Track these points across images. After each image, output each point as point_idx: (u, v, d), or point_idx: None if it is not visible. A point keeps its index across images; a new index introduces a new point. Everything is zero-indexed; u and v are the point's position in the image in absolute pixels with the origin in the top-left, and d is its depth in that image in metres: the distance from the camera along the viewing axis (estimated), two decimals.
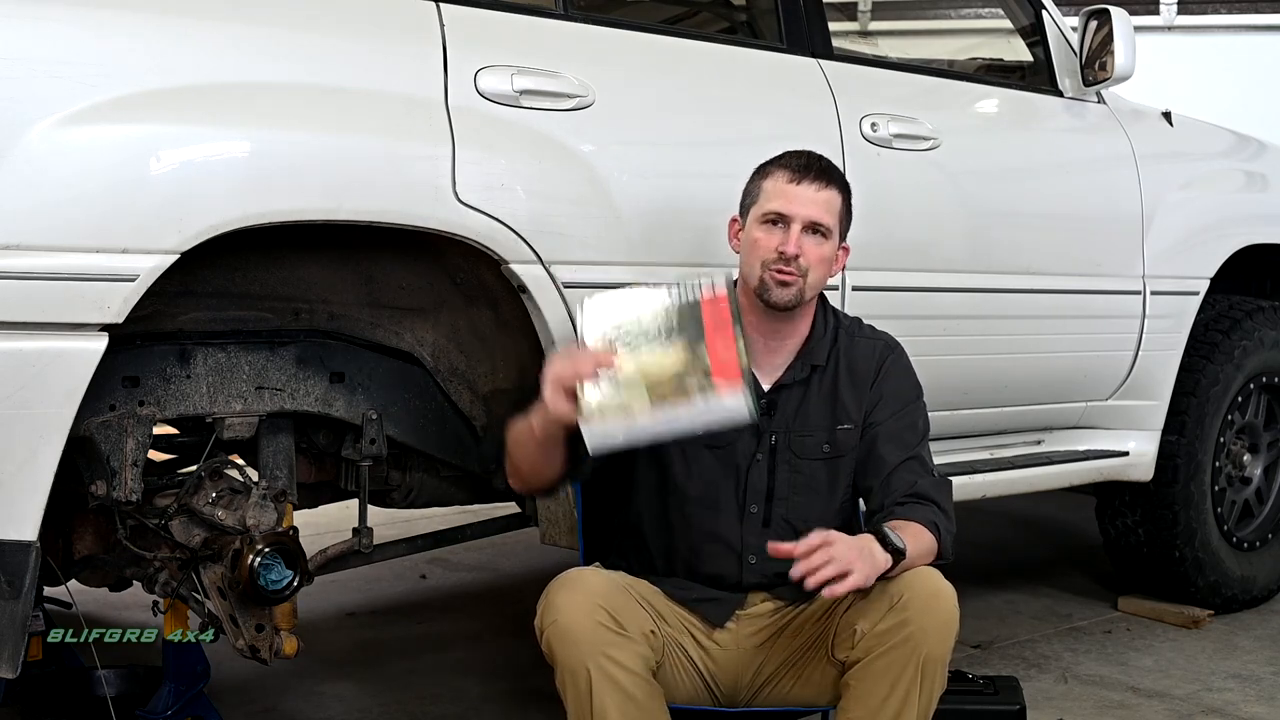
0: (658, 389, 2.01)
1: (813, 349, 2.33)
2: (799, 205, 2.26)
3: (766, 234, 2.27)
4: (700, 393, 2.01)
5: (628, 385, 2.01)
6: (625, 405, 1.99)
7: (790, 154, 2.33)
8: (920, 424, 2.36)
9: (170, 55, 2.08)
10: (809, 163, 2.30)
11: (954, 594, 2.12)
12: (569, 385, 2.00)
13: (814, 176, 2.28)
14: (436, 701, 3.17)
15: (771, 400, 2.31)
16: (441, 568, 4.44)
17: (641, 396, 2.00)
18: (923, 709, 2.09)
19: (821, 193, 2.27)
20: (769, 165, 2.33)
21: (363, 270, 2.48)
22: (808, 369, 2.32)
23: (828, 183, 2.29)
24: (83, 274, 1.95)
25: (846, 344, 2.36)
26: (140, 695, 2.69)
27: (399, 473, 2.69)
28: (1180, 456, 3.73)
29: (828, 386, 2.33)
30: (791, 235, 2.24)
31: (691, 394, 2.01)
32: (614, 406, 2.00)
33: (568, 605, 2.08)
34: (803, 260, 2.24)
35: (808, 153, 2.33)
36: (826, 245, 2.28)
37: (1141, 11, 7.20)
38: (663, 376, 2.02)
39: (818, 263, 2.26)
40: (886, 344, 2.40)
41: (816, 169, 2.29)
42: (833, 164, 2.35)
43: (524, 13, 2.55)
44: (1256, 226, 3.91)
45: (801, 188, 2.26)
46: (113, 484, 2.18)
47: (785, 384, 2.32)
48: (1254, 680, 3.38)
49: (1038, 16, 3.52)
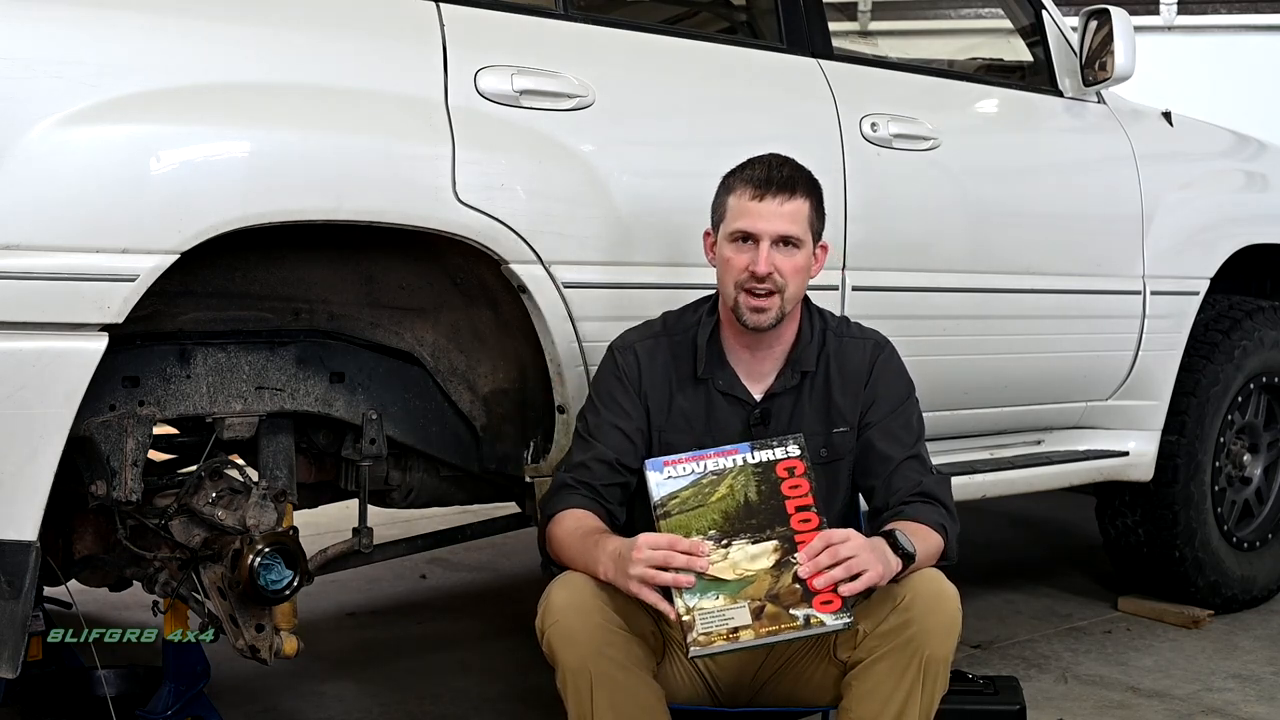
0: (755, 595, 1.97)
1: (801, 355, 2.32)
2: (765, 222, 2.22)
3: (736, 253, 2.24)
4: (803, 615, 1.95)
5: (723, 590, 1.97)
6: (724, 616, 1.94)
7: (751, 164, 2.29)
8: (915, 422, 2.35)
9: (170, 55, 2.08)
10: (770, 175, 2.25)
11: (957, 595, 2.12)
12: (662, 583, 1.97)
13: (776, 189, 2.23)
14: (436, 701, 3.17)
15: (765, 410, 2.30)
16: (441, 568, 4.44)
17: (742, 611, 1.95)
18: (924, 710, 2.09)
19: (787, 205, 2.23)
20: (732, 178, 2.30)
21: (363, 270, 2.48)
22: (798, 375, 2.31)
23: (792, 193, 2.24)
24: (83, 274, 1.95)
25: (835, 346, 2.35)
26: (140, 695, 2.69)
27: (399, 473, 2.69)
28: (1180, 456, 3.73)
29: (820, 391, 2.32)
30: (761, 254, 2.21)
31: (794, 613, 1.95)
32: (713, 616, 1.94)
33: (568, 606, 2.08)
34: (776, 277, 2.22)
35: (769, 161, 2.28)
36: (799, 255, 2.25)
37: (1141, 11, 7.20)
38: (759, 578, 1.98)
39: (792, 274, 2.24)
40: (876, 343, 2.38)
41: (779, 180, 2.24)
42: (797, 168, 2.29)
43: (524, 13, 2.55)
44: (1256, 226, 3.91)
45: (765, 204, 2.23)
46: (113, 484, 2.17)
47: (776, 392, 2.31)
48: (1254, 680, 3.38)
49: (1038, 16, 3.52)
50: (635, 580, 1.98)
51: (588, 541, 2.12)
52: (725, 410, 2.30)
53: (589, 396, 2.36)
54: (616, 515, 2.26)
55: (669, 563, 1.98)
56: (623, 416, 2.28)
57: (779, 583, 1.98)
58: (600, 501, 2.23)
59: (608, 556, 2.05)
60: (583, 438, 2.30)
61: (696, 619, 1.94)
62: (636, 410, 2.29)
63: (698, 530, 2.03)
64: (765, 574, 1.99)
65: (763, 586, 1.98)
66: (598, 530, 2.15)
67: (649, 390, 2.30)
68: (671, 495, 2.05)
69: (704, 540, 2.01)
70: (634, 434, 2.28)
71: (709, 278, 2.47)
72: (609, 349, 2.36)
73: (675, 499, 2.05)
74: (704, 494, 2.05)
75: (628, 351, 2.33)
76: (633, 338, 2.35)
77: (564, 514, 2.21)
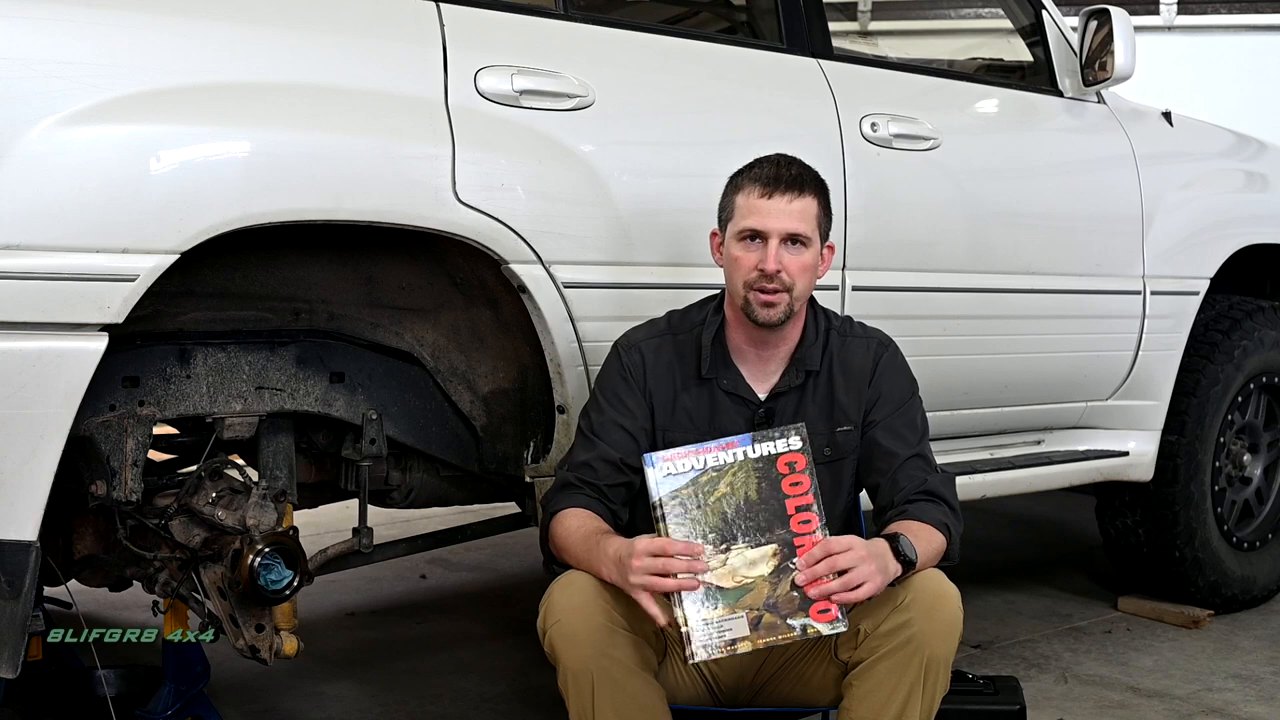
0: (753, 604, 1.99)
1: (805, 354, 2.32)
2: (773, 220, 2.23)
3: (745, 251, 2.25)
4: (799, 624, 1.99)
5: (722, 599, 1.99)
6: (723, 628, 1.98)
7: (759, 164, 2.29)
8: (919, 420, 2.35)
9: (170, 55, 2.08)
10: (778, 173, 2.26)
11: (958, 596, 2.12)
12: (665, 589, 1.99)
13: (785, 187, 2.24)
14: (436, 701, 3.17)
15: (769, 409, 2.30)
16: (441, 568, 4.44)
17: (740, 621, 1.99)
18: (925, 710, 2.09)
19: (795, 203, 2.24)
20: (740, 177, 2.30)
21: (363, 270, 2.48)
22: (802, 375, 2.31)
23: (800, 191, 2.25)
24: (83, 274, 1.95)
25: (839, 345, 2.35)
26: (140, 695, 2.69)
27: (399, 473, 2.69)
28: (1180, 456, 3.73)
29: (824, 390, 2.32)
30: (770, 252, 2.22)
31: (791, 623, 1.99)
32: (712, 628, 1.98)
33: (570, 606, 2.08)
34: (784, 275, 2.22)
35: (777, 160, 2.29)
36: (807, 253, 2.25)
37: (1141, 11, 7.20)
38: (757, 585, 2.00)
39: (800, 272, 2.24)
40: (880, 342, 2.38)
41: (787, 179, 2.25)
42: (805, 167, 2.30)
43: (524, 13, 2.55)
44: (1256, 226, 3.91)
45: (774, 201, 2.23)
46: (113, 484, 2.17)
47: (781, 391, 2.31)
48: (1254, 680, 3.38)
49: (1038, 16, 3.52)
50: (638, 588, 1.99)
51: (590, 542, 2.12)
52: (729, 410, 2.30)
53: (593, 394, 2.36)
54: (620, 515, 2.26)
55: (668, 569, 1.98)
56: (627, 415, 2.28)
57: (777, 590, 2.00)
58: (604, 501, 2.23)
59: (610, 559, 2.05)
60: (586, 436, 2.29)
61: (695, 631, 1.98)
62: (641, 409, 2.29)
63: (698, 536, 2.03)
64: (764, 581, 2.01)
65: (761, 595, 2.00)
66: (600, 531, 2.15)
67: (654, 389, 2.30)
68: (671, 494, 2.05)
69: (704, 544, 2.02)
70: (638, 433, 2.27)
71: (709, 277, 2.47)
72: (614, 347, 2.36)
73: (675, 499, 2.05)
74: (703, 493, 2.05)
75: (633, 350, 2.33)
76: (638, 336, 2.35)
77: (566, 513, 2.21)
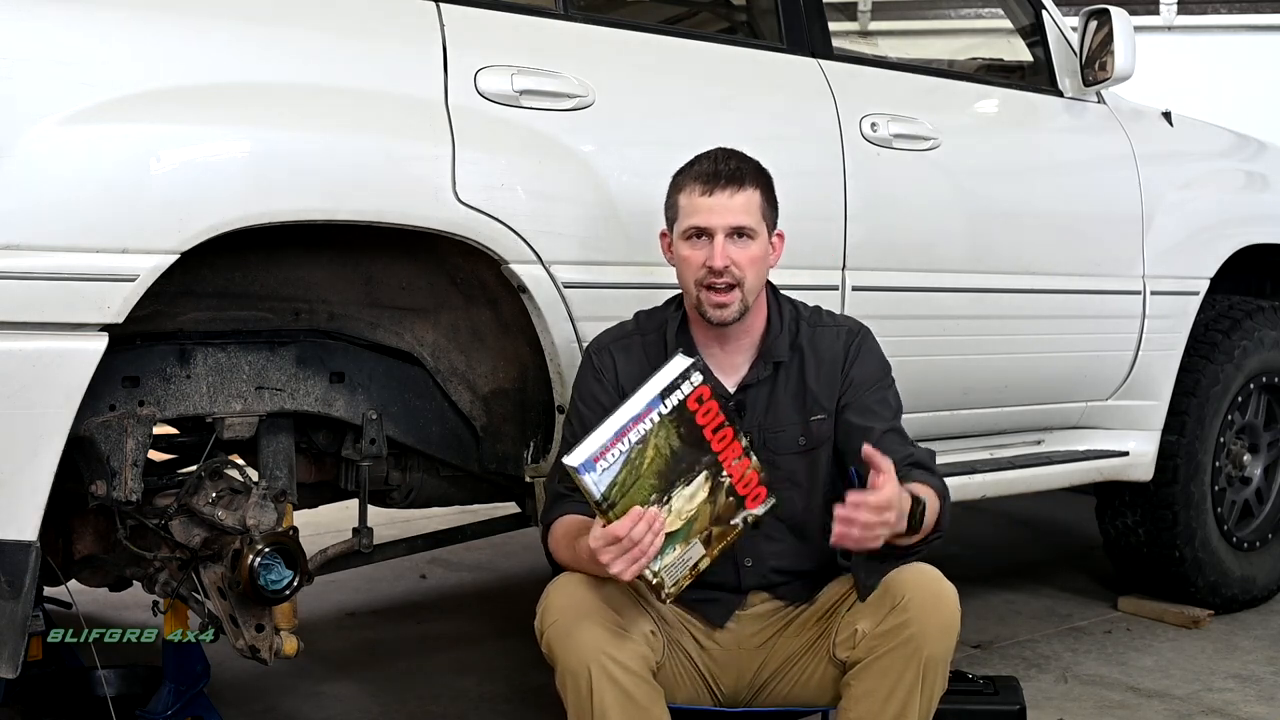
0: (702, 528, 2.07)
1: (772, 346, 2.31)
2: (717, 216, 2.22)
3: (692, 250, 2.25)
4: (740, 518, 2.10)
5: (677, 540, 2.05)
6: (685, 560, 2.07)
7: (699, 160, 2.28)
8: (893, 399, 2.34)
9: (170, 55, 2.08)
10: (717, 169, 2.25)
11: (955, 595, 2.12)
12: (645, 565, 1.99)
13: (725, 182, 2.23)
14: (436, 701, 3.17)
15: (740, 401, 2.29)
16: (441, 568, 4.44)
17: (696, 548, 2.07)
18: (924, 710, 2.09)
19: (736, 197, 2.23)
20: (681, 176, 2.30)
21: (363, 270, 2.48)
22: (771, 366, 2.30)
23: (740, 184, 2.24)
24: (83, 274, 1.95)
25: (809, 335, 2.33)
26: (140, 695, 2.69)
27: (399, 473, 2.69)
28: (1180, 456, 3.73)
29: (795, 380, 2.31)
30: (716, 248, 2.21)
31: (734, 523, 2.10)
32: (676, 567, 2.06)
33: (568, 606, 2.08)
34: (734, 269, 2.22)
35: (715, 155, 2.28)
36: (755, 245, 2.25)
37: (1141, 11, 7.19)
38: (700, 512, 2.07)
39: (749, 265, 2.23)
40: (850, 329, 2.36)
41: (727, 174, 2.24)
42: (744, 159, 2.29)
43: (524, 13, 2.55)
44: (1256, 226, 3.91)
45: (715, 198, 2.23)
46: (113, 484, 2.18)
47: (750, 384, 2.30)
48: (1254, 680, 3.38)
49: (1038, 16, 3.52)
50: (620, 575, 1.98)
51: (575, 546, 2.13)
52: None
53: (571, 401, 2.35)
54: None
55: (637, 546, 1.96)
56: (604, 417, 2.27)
57: (717, 505, 2.08)
58: None
59: (588, 558, 2.05)
60: (570, 444, 2.29)
61: (664, 576, 2.05)
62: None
63: (641, 503, 2.02)
64: (705, 504, 2.07)
65: (706, 517, 2.07)
66: (580, 532, 2.14)
67: (626, 388, 2.28)
68: (611, 484, 2.03)
69: (652, 507, 2.01)
70: None
71: None
72: (585, 352, 2.36)
73: (615, 487, 2.02)
74: (636, 468, 2.04)
75: (603, 352, 2.33)
76: (607, 339, 2.35)
77: (558, 522, 2.22)
